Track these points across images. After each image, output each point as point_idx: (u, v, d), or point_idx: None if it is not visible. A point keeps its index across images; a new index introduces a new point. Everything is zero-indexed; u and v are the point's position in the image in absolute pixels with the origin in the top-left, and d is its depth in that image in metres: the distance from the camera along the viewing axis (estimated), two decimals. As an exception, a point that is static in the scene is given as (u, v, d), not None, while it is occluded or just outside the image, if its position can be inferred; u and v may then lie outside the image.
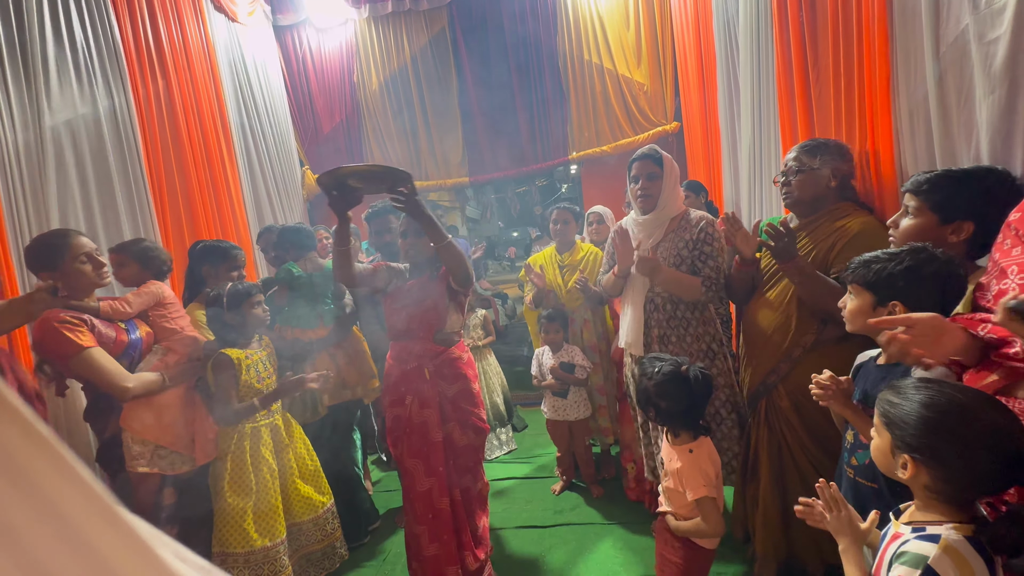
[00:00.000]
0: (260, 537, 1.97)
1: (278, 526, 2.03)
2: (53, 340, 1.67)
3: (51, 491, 0.21)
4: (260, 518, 2.00)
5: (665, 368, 1.54)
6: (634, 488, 2.68)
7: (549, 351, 2.83)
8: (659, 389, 1.53)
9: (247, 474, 1.99)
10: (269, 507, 2.02)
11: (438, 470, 1.99)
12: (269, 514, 2.02)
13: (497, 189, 9.25)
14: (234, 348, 2.02)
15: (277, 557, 2.00)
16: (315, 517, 2.19)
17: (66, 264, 1.73)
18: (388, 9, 4.69)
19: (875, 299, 1.21)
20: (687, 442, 1.55)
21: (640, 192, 2.07)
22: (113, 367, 1.76)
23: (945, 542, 0.80)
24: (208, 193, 3.41)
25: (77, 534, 0.21)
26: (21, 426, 0.21)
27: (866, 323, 1.24)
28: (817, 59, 1.97)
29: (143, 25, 3.07)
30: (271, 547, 1.99)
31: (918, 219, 1.31)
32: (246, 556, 1.94)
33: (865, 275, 1.22)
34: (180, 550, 0.28)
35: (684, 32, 3.70)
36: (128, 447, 1.82)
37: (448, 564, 1.98)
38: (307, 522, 2.18)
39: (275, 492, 2.05)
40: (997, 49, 1.20)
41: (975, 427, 0.81)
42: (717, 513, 1.50)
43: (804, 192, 1.79)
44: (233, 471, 1.98)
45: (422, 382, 2.00)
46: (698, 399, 1.54)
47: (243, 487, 1.98)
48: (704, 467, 1.51)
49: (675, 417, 1.55)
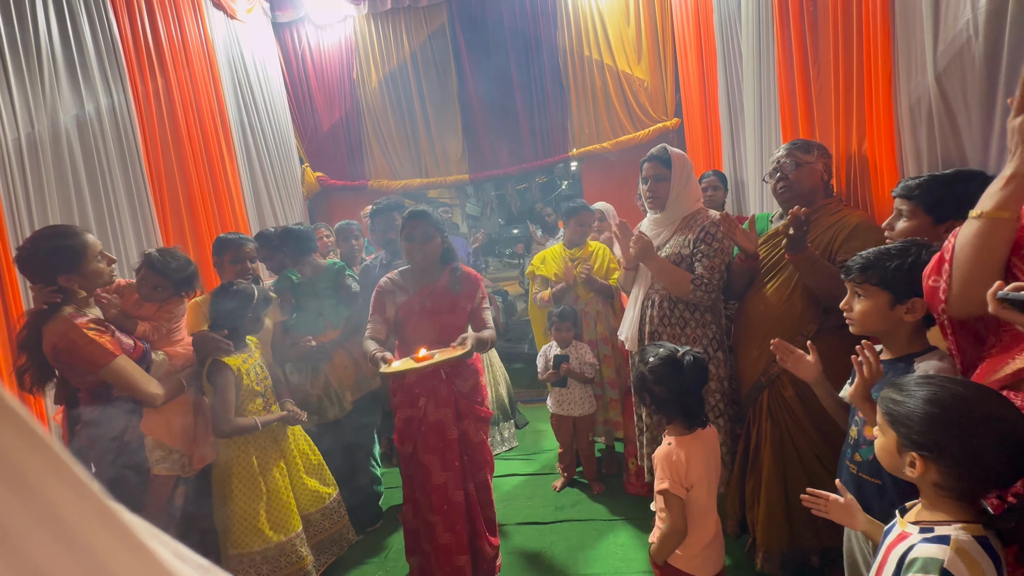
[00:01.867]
0: (275, 533, 2.01)
1: (293, 521, 2.07)
2: (83, 349, 1.61)
3: (47, 492, 0.21)
4: (273, 516, 2.03)
5: (662, 353, 1.54)
6: (635, 483, 2.69)
7: (556, 346, 2.83)
8: (654, 374, 1.52)
9: (255, 477, 2.00)
10: (282, 504, 2.05)
11: (454, 465, 2.02)
12: (283, 510, 2.05)
13: (497, 186, 9.26)
14: (230, 355, 1.97)
15: (294, 549, 2.05)
16: (323, 508, 2.24)
17: (86, 265, 1.66)
18: (387, 5, 4.68)
19: (893, 297, 1.20)
20: (677, 433, 1.54)
21: (648, 193, 2.11)
22: (141, 374, 1.74)
23: (956, 543, 0.80)
24: (208, 190, 3.40)
25: (74, 535, 0.21)
26: (17, 426, 0.21)
27: (879, 324, 1.24)
28: (818, 55, 1.97)
29: (142, 23, 3.06)
30: (286, 541, 2.03)
31: (913, 221, 1.37)
32: (263, 552, 1.98)
33: (881, 274, 1.20)
34: (180, 549, 0.28)
35: (684, 28, 3.69)
36: (150, 451, 1.83)
37: (459, 553, 2.01)
38: (315, 513, 2.22)
39: (287, 489, 2.08)
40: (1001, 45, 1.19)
41: (980, 420, 0.81)
42: (679, 511, 1.47)
43: (802, 186, 1.83)
44: (241, 477, 1.98)
45: (438, 382, 2.01)
46: (691, 386, 1.52)
47: (253, 490, 1.99)
48: (678, 462, 1.47)
49: (668, 404, 1.54)
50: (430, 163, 4.89)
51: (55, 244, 1.63)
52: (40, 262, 1.63)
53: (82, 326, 1.62)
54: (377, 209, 2.67)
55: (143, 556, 0.24)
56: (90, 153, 2.61)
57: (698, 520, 1.50)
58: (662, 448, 1.54)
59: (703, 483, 1.49)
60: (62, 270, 1.63)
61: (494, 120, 4.72)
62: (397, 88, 4.81)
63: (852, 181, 1.88)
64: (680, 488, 1.47)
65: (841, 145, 1.90)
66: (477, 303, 2.07)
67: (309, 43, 4.89)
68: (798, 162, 1.82)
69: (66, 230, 1.70)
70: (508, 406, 3.55)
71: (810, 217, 1.80)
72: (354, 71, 4.88)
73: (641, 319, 2.14)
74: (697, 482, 1.48)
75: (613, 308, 2.92)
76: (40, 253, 1.62)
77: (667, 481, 1.47)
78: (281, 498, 2.05)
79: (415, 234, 1.98)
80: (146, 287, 1.93)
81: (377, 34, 4.79)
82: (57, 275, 1.63)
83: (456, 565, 2.01)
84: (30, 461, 0.21)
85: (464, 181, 4.98)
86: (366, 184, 4.93)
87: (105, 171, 2.68)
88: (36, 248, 1.62)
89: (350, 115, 4.93)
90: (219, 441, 1.97)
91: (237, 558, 1.97)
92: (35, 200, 2.28)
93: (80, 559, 0.21)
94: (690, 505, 1.49)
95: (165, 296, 1.96)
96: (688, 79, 3.79)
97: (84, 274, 1.66)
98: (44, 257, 1.62)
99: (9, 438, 0.21)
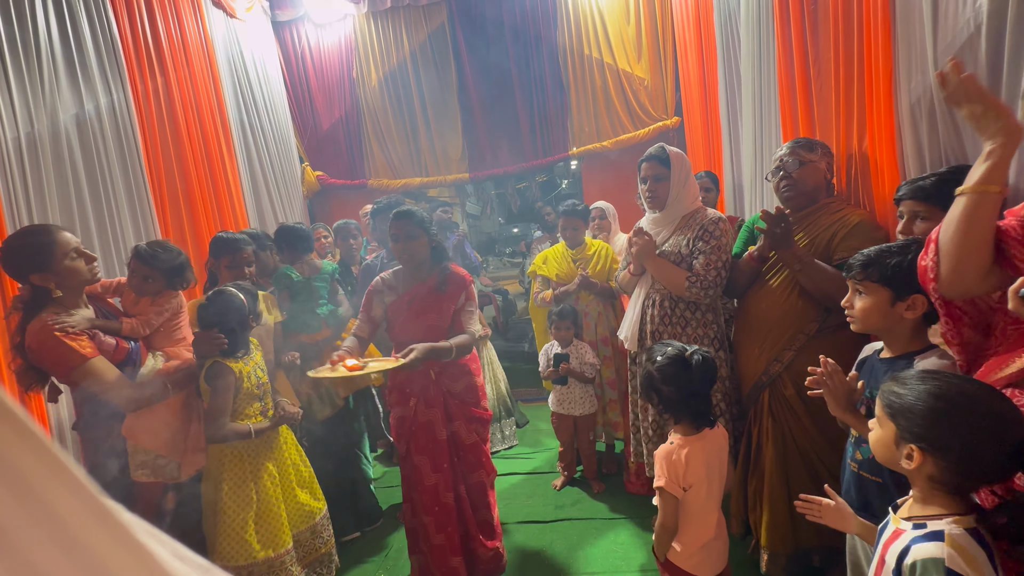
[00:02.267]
0: (263, 548, 1.88)
1: (283, 536, 1.93)
2: (54, 351, 1.58)
3: (45, 493, 0.21)
4: (263, 528, 1.90)
5: (670, 352, 1.53)
6: (635, 482, 2.69)
7: (558, 345, 2.83)
8: (662, 374, 1.51)
9: (247, 485, 1.90)
10: (273, 516, 1.93)
11: (443, 467, 2.01)
12: (273, 524, 1.92)
13: (497, 185, 9.24)
14: (231, 358, 1.88)
15: (283, 568, 1.91)
16: (312, 526, 2.10)
17: (58, 263, 1.61)
18: (387, 4, 4.67)
19: (893, 294, 1.21)
20: (683, 432, 1.53)
21: (648, 193, 2.12)
22: (116, 377, 1.68)
23: (951, 538, 0.81)
24: (208, 189, 3.40)
25: (72, 536, 0.21)
26: (15, 427, 0.21)
27: (880, 321, 1.24)
28: (818, 53, 1.97)
29: (142, 22, 3.06)
30: (275, 558, 1.89)
31: (932, 221, 1.29)
32: (249, 569, 1.84)
33: (881, 271, 1.21)
34: (179, 549, 0.28)
35: (685, 27, 3.68)
36: (132, 456, 1.77)
37: (452, 554, 2.01)
38: (304, 531, 2.07)
39: (277, 501, 1.95)
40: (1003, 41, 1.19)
41: (982, 416, 0.82)
42: (671, 508, 1.48)
43: (806, 184, 1.82)
44: (232, 483, 1.88)
45: (427, 382, 2.01)
46: (700, 385, 1.51)
47: (243, 499, 1.88)
48: (677, 461, 1.47)
49: (677, 404, 1.52)
50: (430, 162, 4.88)
51: (24, 242, 1.62)
52: (11, 261, 1.62)
53: (54, 327, 1.58)
54: (377, 208, 2.67)
55: (141, 556, 0.23)
56: (90, 153, 2.61)
57: (695, 520, 1.50)
58: (664, 446, 1.54)
59: (702, 484, 1.48)
60: (33, 268, 1.60)
61: (494, 119, 4.72)
62: (397, 87, 4.81)
63: (853, 180, 1.88)
64: (676, 487, 1.47)
65: (842, 144, 1.89)
66: (460, 304, 2.03)
67: (309, 42, 4.88)
68: (802, 160, 1.81)
69: (37, 228, 1.68)
70: (508, 404, 3.56)
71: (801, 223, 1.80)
72: (354, 70, 4.87)
73: (642, 318, 2.14)
74: (696, 483, 1.47)
75: (614, 309, 2.92)
76: (10, 252, 1.61)
77: (664, 479, 1.48)
78: (272, 510, 1.93)
79: (400, 235, 1.97)
80: (136, 279, 1.89)
81: (377, 33, 4.79)
82: (29, 274, 1.61)
83: (450, 566, 2.01)
84: (28, 462, 0.21)
85: (464, 180, 4.97)
86: (366, 183, 4.93)
87: (105, 171, 2.67)
88: (8, 247, 1.62)
89: (350, 114, 4.92)
90: (210, 446, 1.89)
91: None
92: (35, 200, 2.27)
93: (78, 559, 0.21)
94: (686, 505, 1.49)
95: (156, 288, 1.91)
96: (688, 78, 3.78)
97: (57, 272, 1.62)
98: (14, 256, 1.61)
99: (7, 439, 0.21)
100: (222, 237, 2.26)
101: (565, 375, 2.72)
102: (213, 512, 1.87)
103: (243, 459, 1.91)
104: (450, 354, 1.92)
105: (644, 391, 1.59)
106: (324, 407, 2.49)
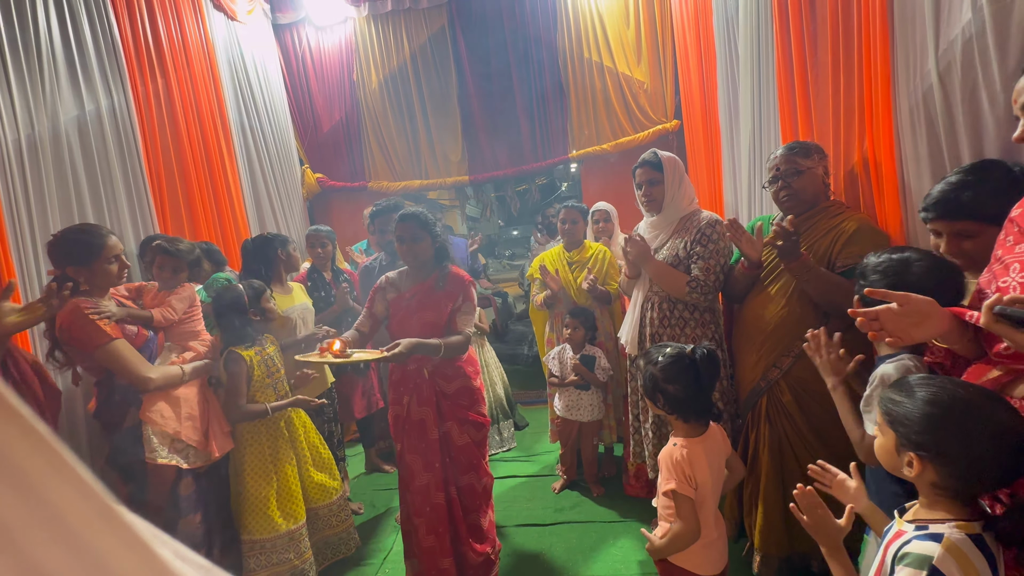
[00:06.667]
0: (285, 521, 2.09)
1: (298, 509, 2.16)
2: (82, 328, 1.71)
3: (49, 491, 0.21)
4: (282, 502, 2.11)
5: (670, 352, 1.52)
6: (634, 485, 2.69)
7: (570, 348, 2.78)
8: (665, 374, 1.50)
9: (267, 463, 2.11)
10: (289, 491, 2.14)
11: (434, 466, 2.02)
12: (290, 498, 2.14)
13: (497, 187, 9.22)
14: (242, 347, 2.09)
15: (300, 539, 2.13)
16: (329, 503, 2.31)
17: (97, 263, 1.77)
18: (387, 7, 4.68)
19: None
20: (685, 433, 1.52)
21: (644, 198, 2.17)
22: (137, 358, 1.82)
23: (948, 541, 0.80)
24: (208, 191, 3.40)
25: (75, 534, 0.21)
26: (18, 425, 0.21)
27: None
28: (817, 57, 1.97)
29: (142, 23, 3.07)
30: (295, 530, 2.12)
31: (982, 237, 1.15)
32: (273, 541, 2.06)
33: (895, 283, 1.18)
34: (180, 549, 0.28)
35: (684, 30, 3.69)
36: (148, 439, 1.85)
37: (443, 556, 2.01)
38: (322, 507, 2.29)
39: (294, 477, 2.17)
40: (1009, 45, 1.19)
41: (979, 421, 0.82)
42: (691, 511, 1.45)
43: (806, 193, 1.81)
44: (253, 461, 2.09)
45: (421, 380, 2.03)
46: (706, 381, 1.49)
47: (264, 476, 2.09)
48: (683, 461, 1.45)
49: (683, 402, 1.51)
50: (430, 164, 4.89)
51: (78, 238, 1.76)
52: (59, 250, 1.74)
53: (85, 308, 1.72)
54: (377, 211, 2.67)
55: (144, 555, 0.24)
56: (90, 154, 2.61)
57: (701, 519, 1.50)
58: (668, 448, 1.52)
59: (708, 483, 1.48)
60: (73, 261, 1.74)
61: (494, 122, 4.72)
62: (397, 89, 4.82)
63: (852, 183, 1.88)
64: (688, 488, 1.45)
65: (841, 147, 1.89)
66: (457, 305, 2.04)
67: (309, 44, 4.89)
68: (799, 169, 1.79)
69: (92, 229, 1.82)
70: (507, 406, 3.55)
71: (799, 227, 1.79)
72: (354, 72, 4.88)
73: (641, 322, 2.16)
74: (702, 482, 1.47)
75: (611, 314, 2.91)
76: (63, 242, 1.75)
77: (674, 482, 1.46)
78: (290, 486, 2.14)
79: (404, 236, 2.01)
80: (166, 272, 2.08)
81: (377, 36, 4.80)
82: (67, 264, 1.74)
83: (440, 568, 2.01)
84: (32, 460, 0.21)
85: (464, 182, 4.98)
86: (366, 185, 4.93)
87: (105, 172, 2.68)
88: (62, 238, 1.76)
89: (350, 116, 4.93)
90: (235, 428, 2.08)
91: (249, 544, 2.05)
92: (35, 200, 2.27)
93: (81, 558, 0.21)
94: (697, 505, 1.48)
95: (181, 280, 2.11)
96: (688, 81, 3.79)
97: (93, 270, 1.76)
98: (64, 246, 1.74)
99: (11, 437, 0.21)
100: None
101: (589, 382, 2.70)
102: (238, 491, 2.09)
103: (261, 441, 2.12)
104: (439, 351, 1.92)
105: (648, 393, 1.58)
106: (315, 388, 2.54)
